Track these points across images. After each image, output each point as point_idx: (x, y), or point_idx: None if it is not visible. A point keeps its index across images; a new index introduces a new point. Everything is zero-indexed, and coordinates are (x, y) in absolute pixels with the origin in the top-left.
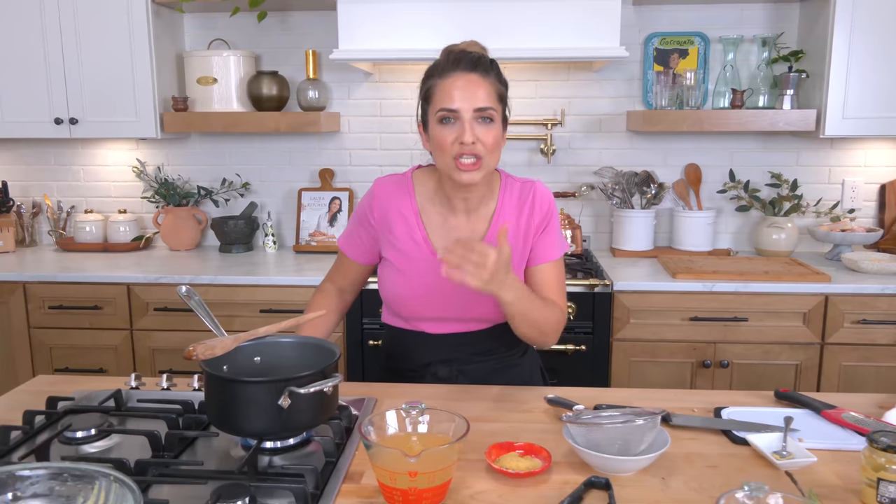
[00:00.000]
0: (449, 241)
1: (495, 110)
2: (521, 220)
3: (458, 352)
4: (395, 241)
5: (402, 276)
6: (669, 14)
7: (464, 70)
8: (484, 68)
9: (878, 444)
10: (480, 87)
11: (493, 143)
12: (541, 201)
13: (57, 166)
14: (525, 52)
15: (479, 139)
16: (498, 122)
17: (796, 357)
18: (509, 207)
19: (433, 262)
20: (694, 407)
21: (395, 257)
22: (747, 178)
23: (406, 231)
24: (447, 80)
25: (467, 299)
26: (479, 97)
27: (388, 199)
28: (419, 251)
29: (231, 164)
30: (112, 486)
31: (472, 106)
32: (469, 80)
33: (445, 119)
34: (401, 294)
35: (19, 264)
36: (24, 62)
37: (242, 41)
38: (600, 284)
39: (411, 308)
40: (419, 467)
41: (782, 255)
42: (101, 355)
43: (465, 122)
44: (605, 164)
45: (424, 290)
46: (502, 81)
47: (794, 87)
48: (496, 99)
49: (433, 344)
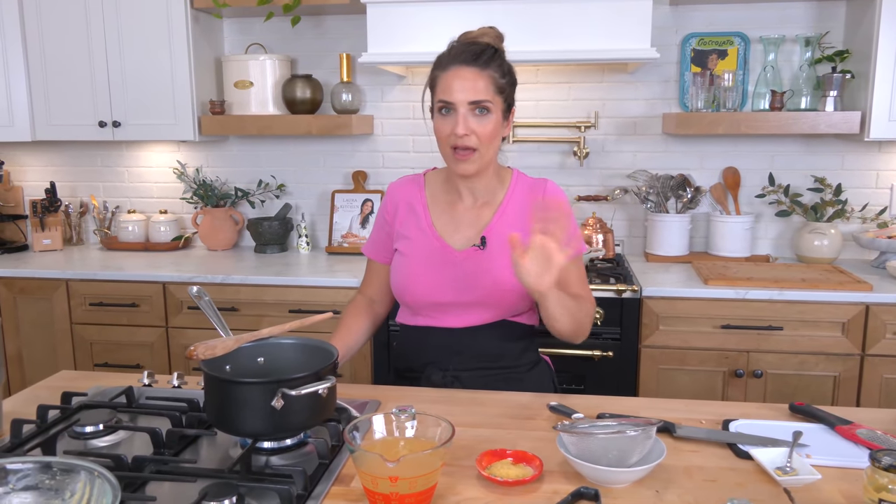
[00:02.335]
0: (452, 225)
1: (491, 102)
2: (529, 207)
3: (459, 353)
4: (404, 230)
5: (407, 260)
6: (707, 14)
7: (462, 63)
8: (483, 61)
9: (880, 464)
10: (478, 81)
11: (489, 135)
12: (552, 195)
13: (103, 168)
14: (553, 54)
15: (475, 131)
16: (496, 113)
17: (834, 368)
18: (517, 200)
19: (437, 246)
20: (702, 418)
21: (403, 245)
22: (789, 182)
23: (414, 220)
24: (447, 73)
25: (468, 282)
26: (474, 90)
27: (400, 195)
28: (423, 236)
29: (267, 166)
30: (95, 480)
31: (468, 99)
32: (467, 73)
33: (444, 110)
34: (404, 279)
35: (65, 262)
36: (71, 68)
37: (279, 45)
38: (628, 290)
39: (414, 294)
40: (399, 472)
41: (824, 263)
42: (138, 352)
43: (460, 114)
44: (640, 167)
45: (427, 272)
46: (504, 73)
47: (838, 89)
48: (494, 91)
49: (434, 340)
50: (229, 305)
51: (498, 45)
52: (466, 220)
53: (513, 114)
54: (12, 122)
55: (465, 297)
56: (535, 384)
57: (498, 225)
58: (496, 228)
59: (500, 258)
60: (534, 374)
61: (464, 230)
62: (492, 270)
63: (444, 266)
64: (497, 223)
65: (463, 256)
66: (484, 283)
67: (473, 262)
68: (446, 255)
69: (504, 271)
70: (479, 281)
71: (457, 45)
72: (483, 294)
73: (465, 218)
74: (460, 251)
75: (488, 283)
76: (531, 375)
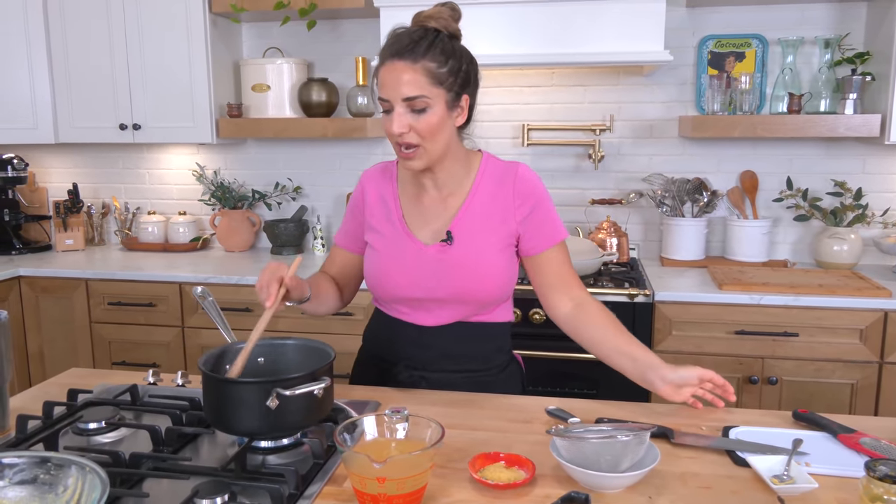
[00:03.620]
0: (421, 219)
1: (428, 97)
2: (498, 196)
3: (429, 351)
4: (375, 223)
5: (378, 255)
6: (725, 16)
7: (394, 56)
8: (417, 53)
9: (875, 473)
10: (408, 74)
11: (430, 131)
12: (523, 181)
13: (125, 169)
14: (566, 56)
15: (414, 127)
16: (436, 106)
17: (852, 376)
18: (486, 185)
19: (407, 242)
20: (703, 425)
21: (374, 239)
22: (808, 185)
23: (384, 213)
24: (383, 67)
25: (438, 279)
26: (406, 85)
27: (371, 184)
28: (394, 230)
29: (284, 169)
30: (87, 476)
31: (400, 95)
32: (395, 67)
33: (385, 107)
34: (376, 274)
35: (85, 262)
36: (93, 73)
37: (296, 49)
38: (641, 294)
39: (385, 289)
40: (387, 473)
41: (844, 268)
42: (154, 351)
43: (395, 111)
44: (655, 170)
45: (397, 268)
46: (447, 60)
47: (858, 91)
48: (430, 83)
49: (405, 336)
50: (243, 306)
51: (448, 26)
52: (433, 212)
53: (465, 100)
54: (36, 125)
55: (436, 294)
56: (503, 387)
57: (464, 218)
58: (462, 222)
59: (468, 251)
60: (503, 376)
61: (432, 223)
62: (461, 265)
63: (414, 262)
64: (463, 216)
65: (432, 252)
66: (454, 278)
67: (442, 257)
68: (416, 251)
69: (473, 265)
70: (449, 277)
71: (392, 35)
72: (454, 290)
73: (432, 210)
74: (429, 246)
75: (458, 279)
76: (500, 378)
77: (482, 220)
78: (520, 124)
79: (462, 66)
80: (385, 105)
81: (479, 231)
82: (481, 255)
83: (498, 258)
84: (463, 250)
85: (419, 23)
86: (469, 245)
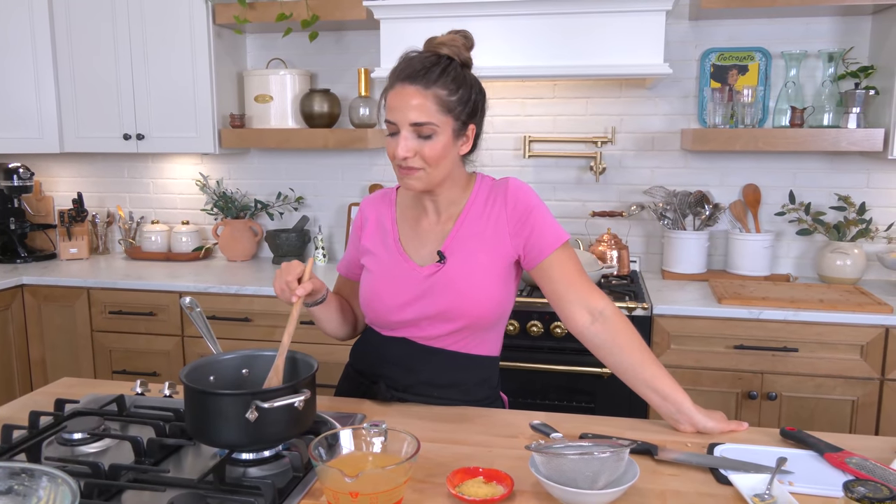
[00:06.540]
0: (418, 241)
1: (436, 124)
2: (491, 214)
3: (412, 373)
4: (370, 245)
5: (371, 276)
6: (728, 29)
7: (405, 81)
8: (430, 79)
9: (853, 494)
10: (419, 100)
11: (435, 157)
12: (514, 192)
13: (129, 179)
14: (565, 69)
15: (419, 152)
16: (443, 134)
17: (853, 392)
18: (479, 205)
19: (400, 263)
20: (688, 441)
21: (369, 261)
22: (811, 200)
23: (381, 236)
24: (392, 90)
25: (430, 299)
26: (416, 111)
27: (370, 210)
28: (388, 253)
29: (286, 179)
30: (59, 487)
31: (408, 120)
32: (405, 91)
33: (391, 130)
34: (368, 295)
35: (88, 271)
36: (98, 83)
37: (300, 60)
38: (639, 307)
39: (376, 311)
40: (360, 488)
41: (847, 283)
42: (154, 360)
43: (402, 135)
44: (657, 183)
45: (390, 290)
46: (457, 88)
47: (861, 105)
48: (440, 111)
49: (391, 354)
50: (242, 316)
51: (459, 55)
52: (430, 236)
53: (472, 130)
54: (42, 135)
55: (427, 311)
56: None
57: (456, 238)
58: (454, 241)
59: (461, 269)
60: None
61: (428, 246)
62: (453, 282)
63: (406, 283)
64: (455, 236)
65: (426, 273)
66: (446, 297)
67: (435, 278)
68: (410, 272)
69: (465, 282)
70: (442, 296)
71: (404, 58)
72: (445, 307)
73: (429, 234)
74: (423, 268)
75: (450, 297)
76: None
77: (476, 239)
78: (522, 136)
79: (471, 97)
80: (391, 128)
81: (472, 250)
82: (473, 272)
83: (490, 275)
84: (455, 268)
85: (432, 49)
86: (462, 263)
